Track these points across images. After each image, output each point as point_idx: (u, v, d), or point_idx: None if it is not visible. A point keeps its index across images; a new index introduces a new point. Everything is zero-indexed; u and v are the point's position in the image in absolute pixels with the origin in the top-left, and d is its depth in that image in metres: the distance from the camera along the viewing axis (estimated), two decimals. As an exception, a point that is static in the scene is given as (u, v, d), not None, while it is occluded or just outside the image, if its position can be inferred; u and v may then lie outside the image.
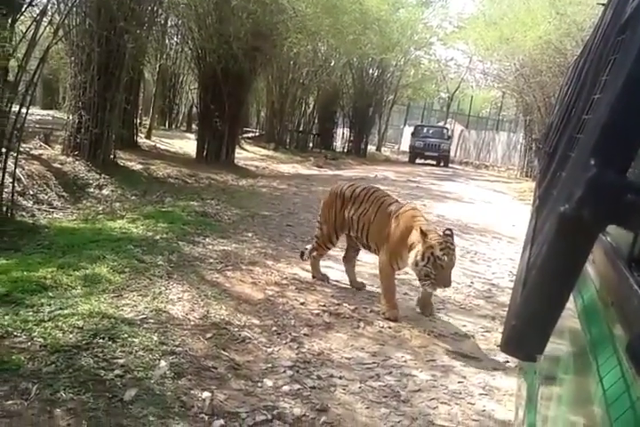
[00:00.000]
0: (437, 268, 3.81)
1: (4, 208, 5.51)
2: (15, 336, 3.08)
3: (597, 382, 0.81)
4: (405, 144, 27.02)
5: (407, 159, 24.18)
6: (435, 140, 23.35)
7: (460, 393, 3.24)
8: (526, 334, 0.82)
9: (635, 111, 0.70)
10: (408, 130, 27.60)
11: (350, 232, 4.68)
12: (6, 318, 3.25)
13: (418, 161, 23.42)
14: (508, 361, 3.65)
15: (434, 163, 23.26)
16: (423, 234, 3.86)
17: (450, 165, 24.07)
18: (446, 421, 2.92)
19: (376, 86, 23.78)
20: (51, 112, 14.83)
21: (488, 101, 33.34)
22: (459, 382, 3.37)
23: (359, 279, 4.90)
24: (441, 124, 29.89)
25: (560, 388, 1.21)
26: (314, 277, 4.91)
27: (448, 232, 4.03)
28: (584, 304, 1.21)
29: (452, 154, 25.55)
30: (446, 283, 3.94)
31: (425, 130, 24.99)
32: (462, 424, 2.90)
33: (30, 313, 3.36)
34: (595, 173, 0.68)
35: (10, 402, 2.50)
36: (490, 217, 9.55)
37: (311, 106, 22.67)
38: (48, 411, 2.48)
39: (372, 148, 26.13)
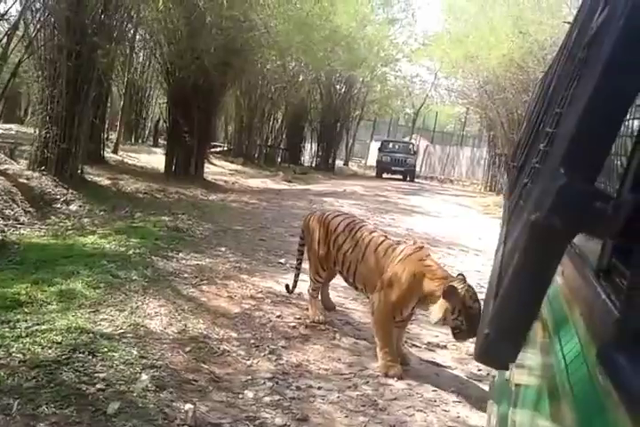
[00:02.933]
0: (470, 317, 3.28)
1: (-27, 224, 5.43)
2: (-8, 352, 3.06)
3: (569, 394, 0.86)
4: (372, 159, 27.38)
5: (374, 174, 24.47)
6: (401, 156, 23.72)
7: (435, 401, 3.34)
8: (500, 343, 0.81)
9: (601, 122, 0.72)
10: (375, 145, 27.99)
11: (336, 266, 4.26)
12: (-18, 334, 3.22)
13: (385, 175, 23.72)
14: (480, 370, 3.77)
15: (400, 177, 23.61)
16: (451, 287, 3.34)
17: (416, 179, 24.46)
18: (422, 427, 3.01)
19: (343, 102, 24.12)
20: (13, 126, 14.62)
21: (452, 117, 34.16)
22: (433, 391, 3.47)
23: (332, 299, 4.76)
24: (407, 139, 30.42)
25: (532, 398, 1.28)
26: (314, 321, 4.32)
27: (461, 277, 3.55)
28: (554, 315, 1.30)
29: (417, 169, 25.98)
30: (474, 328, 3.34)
31: (391, 145, 25.36)
32: (438, 431, 2.99)
33: (7, 329, 3.34)
34: (565, 181, 0.69)
35: (-10, 418, 2.49)
36: (456, 230, 9.77)
37: (279, 121, 22.83)
38: (31, 426, 2.48)
39: (339, 162, 26.40)
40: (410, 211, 12.15)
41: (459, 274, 3.60)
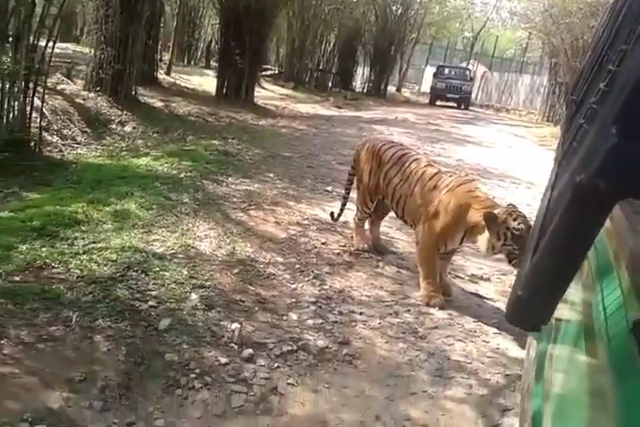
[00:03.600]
0: (518, 239, 3.16)
1: (32, 143, 5.61)
2: (53, 267, 3.25)
3: (605, 345, 0.84)
4: (426, 85, 26.41)
5: (427, 101, 23.71)
6: (457, 82, 22.76)
7: (476, 332, 3.39)
8: (532, 305, 0.79)
9: None
10: (430, 70, 26.88)
11: (385, 199, 4.20)
12: (43, 250, 3.41)
13: (438, 103, 22.94)
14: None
15: (454, 105, 22.79)
16: (489, 213, 3.26)
17: (471, 107, 23.58)
18: (461, 357, 3.07)
19: (399, 24, 22.97)
20: (70, 45, 14.67)
21: (513, 42, 32.26)
22: (474, 322, 3.52)
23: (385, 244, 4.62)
24: (464, 64, 29.05)
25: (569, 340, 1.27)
26: (358, 249, 4.34)
27: (511, 206, 3.44)
28: (598, 260, 1.25)
29: (473, 96, 24.99)
30: None
31: (447, 71, 24.32)
32: (477, 360, 3.06)
33: (65, 246, 3.52)
34: (615, 142, 0.64)
35: (53, 328, 2.68)
36: (509, 162, 9.50)
37: (332, 43, 22.09)
38: (89, 337, 2.66)
39: (392, 88, 25.59)
40: (462, 140, 11.83)
41: (509, 204, 3.50)
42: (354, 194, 4.59)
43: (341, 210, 4.69)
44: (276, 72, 20.88)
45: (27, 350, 2.49)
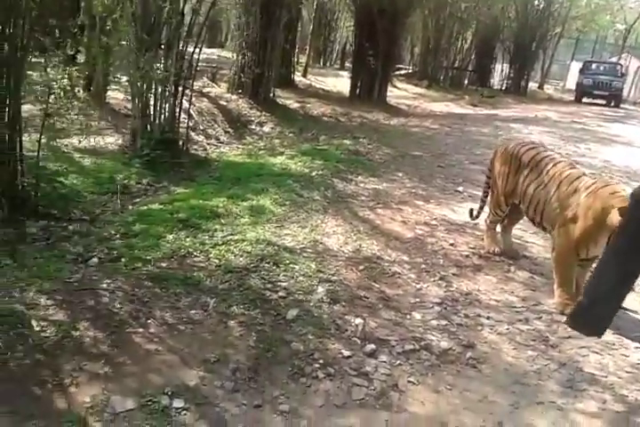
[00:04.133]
0: None
1: (181, 142, 6.09)
2: (195, 256, 3.53)
3: None
4: (572, 81, 24.75)
5: (573, 98, 22.23)
6: (606, 78, 21.10)
7: (614, 344, 3.16)
8: (592, 313, 0.76)
9: None
10: (576, 66, 25.15)
11: (521, 204, 4.02)
12: (187, 240, 3.72)
13: (585, 100, 21.44)
14: (670, 317, 3.47)
15: (603, 102, 21.17)
16: (622, 209, 3.01)
17: (622, 105, 21.77)
18: (596, 369, 2.88)
19: (541, 19, 21.76)
20: (215, 51, 15.66)
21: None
22: (613, 334, 3.27)
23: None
24: (614, 59, 26.86)
25: None
26: (489, 252, 4.25)
27: None
28: None
29: (625, 93, 23.04)
30: None
31: (595, 66, 22.63)
32: (613, 374, 2.86)
33: (206, 237, 3.80)
34: None
35: (193, 312, 2.92)
36: (664, 164, 8.66)
37: (468, 41, 21.47)
38: (224, 322, 2.86)
39: (533, 85, 24.31)
40: (609, 140, 10.97)
41: None
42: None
43: (479, 211, 4.59)
44: (410, 71, 20.73)
45: (169, 330, 2.74)
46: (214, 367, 2.50)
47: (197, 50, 6.11)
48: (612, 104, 20.98)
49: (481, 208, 4.57)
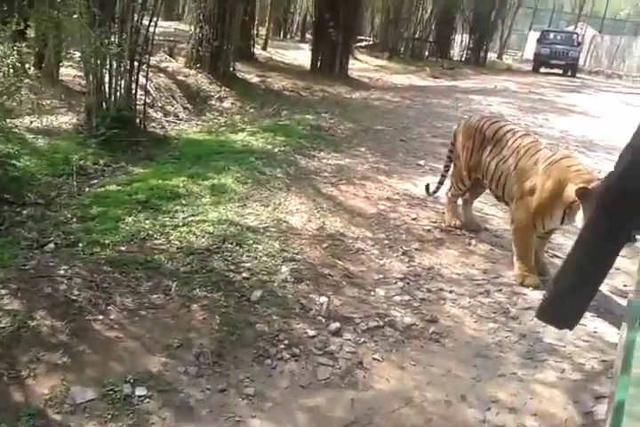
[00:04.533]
0: None
1: (138, 120, 5.91)
2: (155, 239, 3.46)
3: None
4: (530, 51, 24.98)
5: (530, 68, 22.46)
6: (562, 48, 21.33)
7: (572, 314, 3.25)
8: (562, 304, 0.77)
9: None
10: (533, 35, 25.37)
11: (484, 179, 4.01)
12: (147, 222, 3.64)
13: (542, 70, 21.66)
14: (625, 285, 3.58)
15: (560, 72, 21.44)
16: (581, 189, 2.99)
17: (578, 74, 22.08)
18: (555, 340, 2.96)
19: (501, -13, 21.79)
20: (172, 24, 15.18)
21: (627, 1, 29.64)
22: (570, 304, 3.37)
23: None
24: (571, 28, 27.12)
25: None
26: (450, 225, 4.27)
27: None
28: None
29: (581, 62, 23.35)
30: None
31: (552, 35, 22.83)
32: (571, 344, 2.94)
33: (167, 219, 3.73)
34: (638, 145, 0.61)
35: (154, 296, 2.88)
36: (619, 133, 8.82)
37: (429, 11, 21.33)
38: (186, 306, 2.83)
39: (492, 56, 24.42)
40: (567, 110, 11.13)
41: None
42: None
43: (438, 185, 4.57)
44: (371, 43, 20.54)
45: (130, 316, 2.70)
46: (177, 353, 2.48)
47: (153, 23, 5.89)
48: (569, 73, 21.29)
49: (440, 183, 4.56)
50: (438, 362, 2.68)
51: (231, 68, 9.53)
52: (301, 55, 14.35)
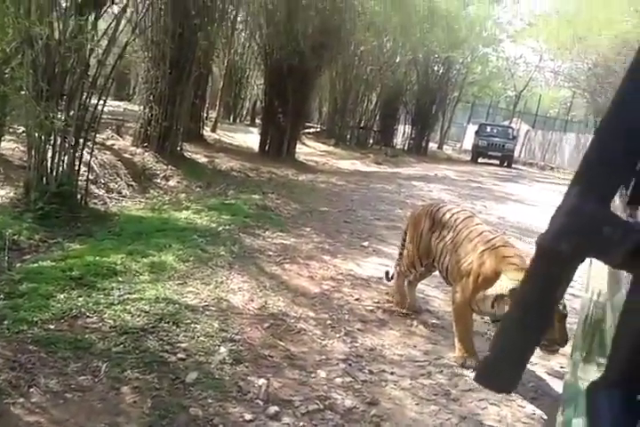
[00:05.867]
0: None
1: (79, 196, 5.83)
2: (88, 317, 3.31)
3: None
4: (468, 143, 26.60)
5: (469, 158, 23.77)
6: (499, 140, 22.83)
7: (512, 396, 3.24)
8: (498, 367, 0.76)
9: (622, 138, 0.65)
10: (472, 128, 27.13)
11: (434, 262, 4.02)
12: (80, 299, 3.49)
13: (480, 160, 22.98)
14: (562, 367, 3.61)
15: (497, 163, 22.76)
16: (512, 291, 3.02)
17: (514, 165, 23.50)
18: (495, 422, 2.93)
19: (441, 83, 23.45)
20: (122, 103, 15.46)
21: (557, 101, 32.45)
22: (510, 386, 3.36)
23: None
24: (506, 123, 29.19)
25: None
26: (398, 304, 4.29)
27: None
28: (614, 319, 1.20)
29: (516, 154, 24.93)
30: (563, 337, 2.93)
31: (489, 129, 24.46)
32: (511, 426, 2.91)
33: (102, 296, 3.59)
34: (574, 202, 0.65)
35: (82, 377, 2.71)
36: (552, 221, 9.29)
37: (373, 102, 22.61)
38: (116, 388, 2.67)
39: (433, 146, 25.83)
40: (504, 198, 11.72)
41: None
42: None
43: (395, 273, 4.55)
44: (319, 130, 21.41)
45: (54, 399, 2.51)
46: (102, 440, 2.31)
47: (102, 101, 5.99)
48: (505, 164, 22.62)
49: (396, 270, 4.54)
50: (379, 448, 2.58)
51: (179, 148, 9.67)
52: (250, 138, 14.75)
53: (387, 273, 4.61)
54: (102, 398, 2.58)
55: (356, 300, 4.38)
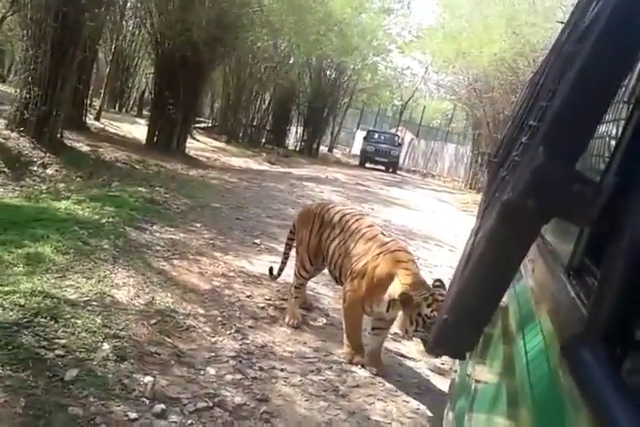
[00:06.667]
0: (430, 329, 2.98)
1: (-57, 179, 5.27)
2: (-49, 311, 2.98)
3: (528, 393, 0.83)
4: (357, 148, 27.34)
5: (357, 163, 24.45)
6: (386, 147, 23.67)
7: (397, 391, 3.35)
8: (458, 328, 0.76)
9: (584, 102, 0.68)
10: (360, 134, 27.95)
11: (324, 261, 4.01)
12: (-59, 291, 3.14)
13: (368, 165, 23.70)
14: (443, 363, 3.80)
15: (383, 168, 23.60)
16: (405, 295, 3.15)
17: (398, 171, 24.49)
18: (382, 417, 3.02)
19: (333, 88, 23.95)
20: (-5, 84, 14.24)
21: (439, 112, 34.28)
22: (396, 381, 3.48)
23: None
24: (393, 130, 30.38)
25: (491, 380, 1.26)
26: (287, 324, 3.99)
27: (438, 283, 3.29)
28: (520, 313, 1.28)
29: (400, 161, 26.01)
30: None
31: (377, 135, 25.29)
32: (397, 421, 3.01)
33: (-32, 289, 3.25)
34: (542, 161, 0.66)
35: (-58, 377, 2.43)
36: (434, 225, 9.81)
37: (267, 101, 22.61)
38: (-16, 388, 2.42)
39: (323, 148, 26.30)
40: (389, 202, 12.17)
41: (435, 280, 3.35)
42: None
43: (279, 272, 4.54)
44: (210, 125, 21.04)
45: None
46: (-34, 445, 2.08)
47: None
48: (391, 170, 23.51)
49: (281, 269, 4.53)
50: (269, 444, 2.56)
51: (59, 135, 9.02)
52: (137, 129, 14.16)
53: (270, 269, 4.57)
54: (-34, 399, 2.33)
55: (248, 297, 4.33)
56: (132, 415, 2.48)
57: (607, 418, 0.52)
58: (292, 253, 4.43)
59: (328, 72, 23.89)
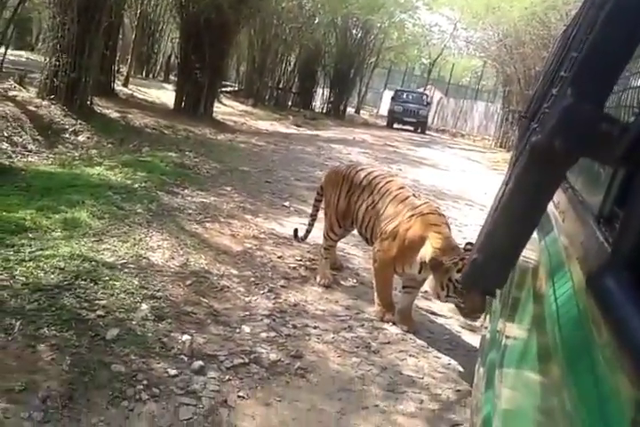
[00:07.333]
0: (462, 294, 3.05)
1: (-20, 148, 5.41)
2: (-4, 274, 3.11)
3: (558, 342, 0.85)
4: (384, 108, 26.89)
5: (385, 123, 24.11)
6: (414, 106, 23.23)
7: (428, 347, 3.41)
8: (488, 267, 0.79)
9: (610, 44, 0.68)
10: (388, 94, 27.44)
11: (354, 223, 4.00)
12: (-14, 256, 3.27)
13: (395, 126, 23.35)
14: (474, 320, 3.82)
15: (411, 129, 23.23)
16: (434, 261, 3.16)
17: (427, 131, 24.10)
18: (413, 372, 3.08)
19: (359, 48, 23.42)
20: (24, 53, 14.34)
21: (469, 70, 33.35)
22: (427, 338, 3.54)
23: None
24: (421, 90, 29.74)
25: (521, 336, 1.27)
26: (319, 284, 4.04)
27: (469, 246, 3.20)
28: (550, 262, 1.28)
29: (429, 121, 25.56)
30: (477, 309, 3.00)
31: (405, 95, 24.80)
32: (428, 376, 3.06)
33: (11, 252, 3.38)
34: (570, 102, 0.66)
35: (-7, 336, 2.56)
36: (463, 184, 9.71)
37: (292, 63, 22.29)
38: (32, 346, 2.54)
39: (351, 110, 25.95)
40: (418, 162, 12.04)
41: (467, 243, 3.30)
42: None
43: (306, 233, 4.54)
44: (236, 89, 20.90)
45: (-37, 358, 2.36)
46: (20, 397, 2.20)
47: (2, 49, 5.50)
48: (419, 130, 23.14)
49: (308, 231, 4.54)
50: (304, 397, 2.65)
51: (89, 102, 9.10)
52: (164, 95, 14.17)
53: (295, 231, 4.57)
54: (17, 356, 2.46)
55: (279, 258, 4.40)
56: (172, 372, 2.59)
57: (632, 340, 0.53)
58: (320, 214, 4.47)
59: (354, 31, 23.33)
